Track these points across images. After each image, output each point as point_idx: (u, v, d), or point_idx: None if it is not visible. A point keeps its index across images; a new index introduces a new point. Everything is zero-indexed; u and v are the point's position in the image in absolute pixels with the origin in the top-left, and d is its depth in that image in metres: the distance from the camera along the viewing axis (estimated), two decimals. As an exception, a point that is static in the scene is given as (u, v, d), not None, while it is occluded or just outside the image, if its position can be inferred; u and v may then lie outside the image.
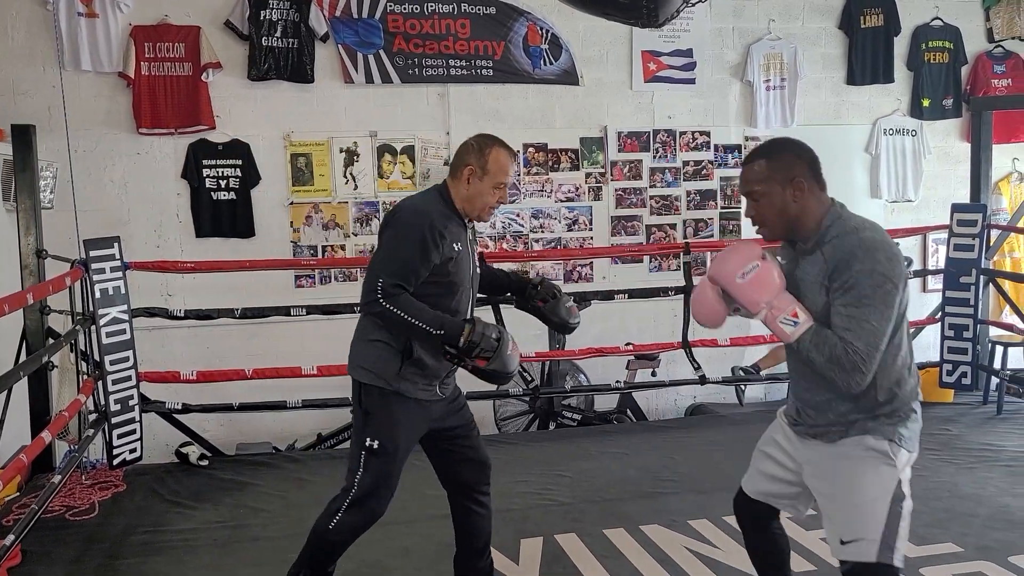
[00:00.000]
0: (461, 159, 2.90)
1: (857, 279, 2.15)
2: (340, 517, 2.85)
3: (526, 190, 6.44)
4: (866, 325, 2.14)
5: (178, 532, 3.95)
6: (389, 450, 2.82)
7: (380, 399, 2.82)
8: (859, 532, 2.24)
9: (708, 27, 6.66)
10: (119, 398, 4.56)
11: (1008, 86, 7.19)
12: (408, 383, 2.83)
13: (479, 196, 2.87)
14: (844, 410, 2.29)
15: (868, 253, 2.17)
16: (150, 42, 5.72)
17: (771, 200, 2.31)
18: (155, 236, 5.86)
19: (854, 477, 2.27)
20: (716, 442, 5.11)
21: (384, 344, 2.82)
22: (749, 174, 2.35)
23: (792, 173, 2.28)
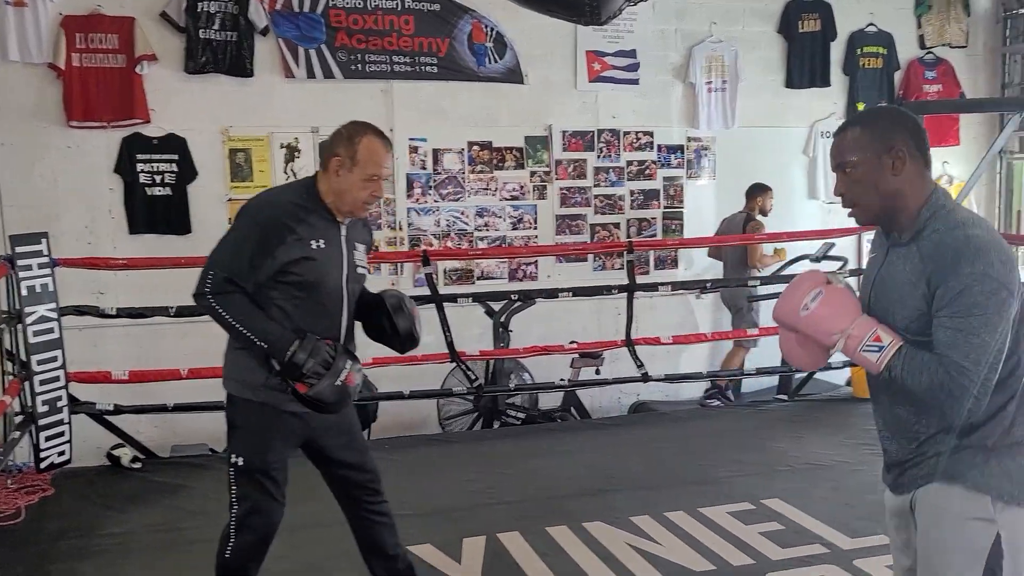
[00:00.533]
0: (329, 148, 2.65)
1: (966, 284, 1.75)
2: (233, 543, 2.68)
3: (471, 188, 6.42)
4: (974, 340, 1.74)
5: (110, 536, 3.82)
6: (255, 466, 2.62)
7: (244, 411, 2.62)
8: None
9: (651, 28, 6.72)
10: (47, 399, 4.41)
11: (939, 91, 7.40)
12: (276, 393, 2.58)
13: (349, 190, 2.59)
14: (932, 450, 1.91)
15: (979, 254, 1.75)
16: (81, 32, 5.55)
17: (867, 171, 1.90)
18: (86, 232, 5.69)
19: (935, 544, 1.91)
20: (658, 439, 5.15)
21: (247, 353, 2.58)
22: (842, 143, 1.94)
23: (892, 141, 1.88)
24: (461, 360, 5.27)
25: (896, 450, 2.00)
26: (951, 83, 7.45)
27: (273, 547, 3.68)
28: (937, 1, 7.41)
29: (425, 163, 6.33)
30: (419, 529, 3.82)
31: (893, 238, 1.96)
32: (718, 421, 5.59)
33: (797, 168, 7.25)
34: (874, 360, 1.85)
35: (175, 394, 5.02)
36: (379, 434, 5.58)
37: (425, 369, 5.63)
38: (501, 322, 5.85)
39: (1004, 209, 7.71)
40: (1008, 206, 7.70)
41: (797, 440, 4.95)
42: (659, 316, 6.68)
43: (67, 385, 4.52)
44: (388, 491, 4.29)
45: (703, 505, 4.00)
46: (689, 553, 3.55)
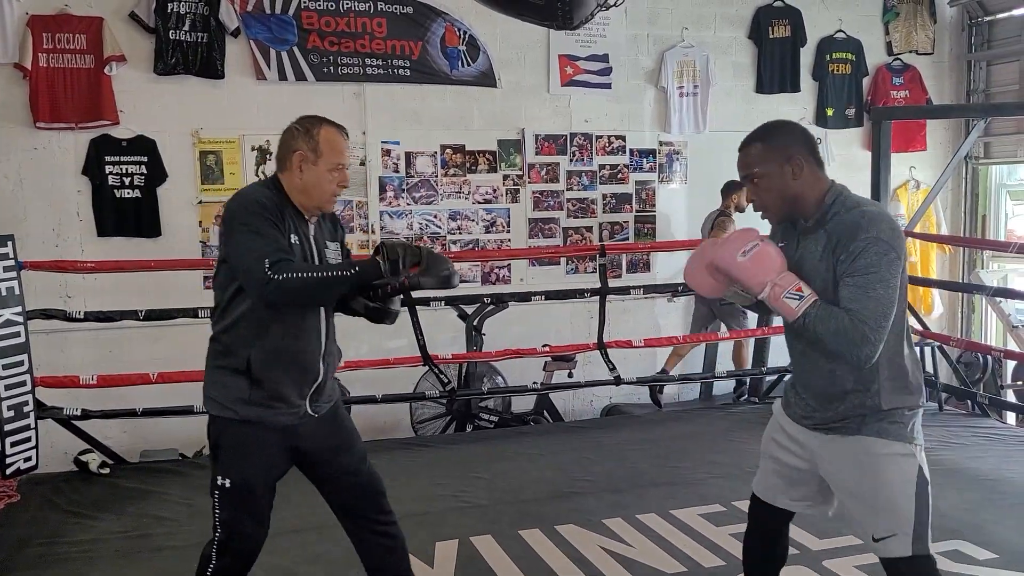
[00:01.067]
0: (287, 146, 2.58)
1: (863, 247, 2.13)
2: (213, 566, 2.57)
3: (444, 191, 6.41)
4: (872, 294, 2.11)
5: (76, 543, 3.78)
6: (243, 488, 2.54)
7: (228, 431, 2.54)
8: (891, 528, 2.23)
9: (624, 33, 6.76)
10: (12, 404, 4.33)
11: (906, 97, 7.51)
12: (262, 408, 2.52)
13: (317, 184, 2.53)
14: (857, 402, 2.25)
15: (872, 223, 2.15)
16: (49, 32, 5.47)
17: (772, 180, 2.29)
18: (53, 235, 5.61)
19: (877, 475, 2.24)
20: (631, 442, 5.18)
21: (227, 370, 2.52)
22: (747, 158, 2.34)
23: (789, 151, 2.28)
24: (434, 363, 5.27)
25: (817, 404, 2.33)
26: (918, 89, 7.56)
27: (244, 553, 3.66)
28: (904, 8, 7.52)
29: (398, 166, 6.31)
30: (392, 533, 3.81)
31: (802, 226, 2.32)
32: (690, 424, 5.62)
33: (767, 172, 7.31)
34: (794, 307, 2.18)
35: (144, 399, 4.98)
36: (351, 438, 5.55)
37: (397, 373, 5.62)
38: (474, 325, 5.85)
39: (969, 213, 7.83)
40: (973, 211, 7.82)
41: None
42: (631, 319, 6.73)
43: (34, 390, 4.45)
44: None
45: (675, 507, 4.03)
46: (661, 555, 3.58)
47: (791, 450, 2.41)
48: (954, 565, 3.43)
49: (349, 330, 6.46)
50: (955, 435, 5.15)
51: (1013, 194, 7.81)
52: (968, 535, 3.70)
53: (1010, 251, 6.09)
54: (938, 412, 5.65)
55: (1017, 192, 7.83)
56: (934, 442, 5.02)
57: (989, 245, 7.57)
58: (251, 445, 2.54)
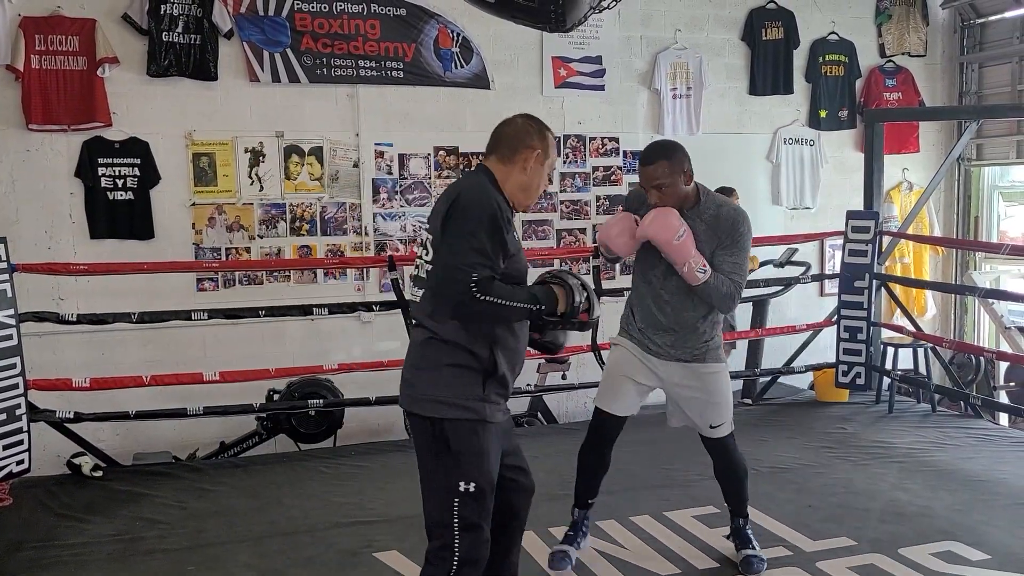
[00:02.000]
0: (521, 141, 2.57)
1: (741, 236, 3.22)
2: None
3: (437, 193, 6.40)
4: (743, 268, 3.23)
5: (69, 547, 3.76)
6: (486, 491, 2.46)
7: (468, 433, 2.44)
8: (723, 418, 3.36)
9: (617, 35, 6.77)
10: (5, 407, 4.31)
11: (899, 99, 7.54)
12: (492, 406, 2.49)
13: (538, 184, 2.59)
14: (706, 339, 3.29)
15: (744, 219, 3.27)
16: (41, 34, 5.46)
17: (675, 189, 3.20)
18: (46, 237, 5.60)
19: (716, 386, 3.34)
20: (624, 443, 5.10)
21: (463, 368, 2.46)
22: (656, 171, 3.17)
23: (683, 165, 3.21)
24: (428, 366, 5.25)
25: (673, 340, 3.30)
26: (910, 91, 7.59)
27: (238, 556, 3.66)
28: (897, 11, 7.54)
29: (391, 168, 6.31)
30: (385, 535, 3.81)
31: (685, 213, 3.21)
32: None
33: (760, 174, 7.33)
34: (701, 277, 3.13)
35: (137, 401, 4.96)
36: (345, 440, 5.55)
37: (392, 375, 5.56)
38: (468, 327, 5.83)
39: (962, 215, 7.86)
40: (966, 212, 7.85)
41: (761, 444, 5.00)
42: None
43: (26, 393, 4.43)
44: (353, 498, 4.30)
45: (668, 509, 4.03)
46: (654, 557, 3.58)
47: (650, 375, 3.37)
48: (947, 566, 3.44)
49: (342, 332, 6.47)
50: (948, 436, 5.17)
51: (1006, 196, 7.84)
52: (961, 536, 3.71)
53: (1002, 253, 6.12)
54: (931, 413, 5.66)
55: (1009, 194, 7.85)
56: (927, 443, 5.04)
57: (982, 247, 7.60)
58: (487, 445, 2.47)
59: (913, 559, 3.50)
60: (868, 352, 5.80)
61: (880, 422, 5.52)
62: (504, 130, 2.62)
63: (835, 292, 6.12)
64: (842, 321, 5.88)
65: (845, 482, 4.41)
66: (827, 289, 7.21)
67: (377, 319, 6.12)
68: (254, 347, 5.86)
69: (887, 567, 3.44)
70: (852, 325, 5.81)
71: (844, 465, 4.67)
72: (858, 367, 5.81)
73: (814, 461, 4.73)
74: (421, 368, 2.52)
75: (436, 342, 2.49)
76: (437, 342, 2.49)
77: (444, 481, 2.46)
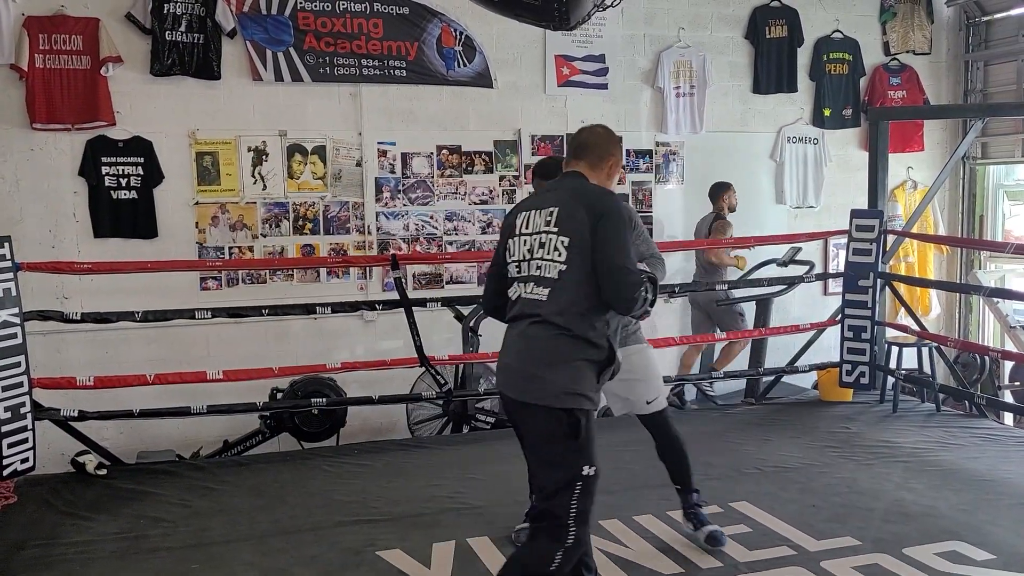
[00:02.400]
0: (606, 149, 2.87)
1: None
2: (559, 563, 2.60)
3: (440, 192, 6.41)
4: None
5: (72, 545, 3.77)
6: (599, 475, 2.69)
7: (590, 421, 2.67)
8: (656, 392, 3.63)
9: (620, 33, 6.76)
10: (9, 405, 4.32)
11: (903, 97, 7.52)
12: (599, 395, 2.76)
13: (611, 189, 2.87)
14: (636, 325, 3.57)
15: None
16: (45, 34, 5.47)
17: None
18: (50, 236, 5.61)
19: (647, 363, 3.63)
20: (626, 443, 5.14)
21: (587, 362, 2.66)
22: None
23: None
24: (430, 364, 5.26)
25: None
26: (915, 89, 7.57)
27: (242, 554, 3.67)
28: (901, 8, 7.52)
29: (394, 167, 6.31)
30: (389, 534, 3.81)
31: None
32: (686, 425, 5.57)
33: (764, 173, 7.32)
34: None
35: (141, 400, 4.97)
36: (348, 439, 5.55)
37: (394, 374, 5.61)
38: (470, 326, 5.83)
39: (967, 214, 7.84)
40: (971, 211, 7.82)
41: (764, 443, 4.99)
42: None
43: (31, 391, 4.44)
44: (356, 496, 4.30)
45: (671, 508, 4.01)
46: (658, 556, 3.57)
47: None
48: (952, 566, 3.43)
49: (345, 331, 6.47)
50: (952, 436, 5.15)
51: (1010, 194, 7.81)
52: (965, 536, 3.69)
53: (1007, 251, 6.10)
54: (935, 412, 5.65)
55: (1014, 192, 7.83)
56: (932, 443, 5.02)
57: (986, 245, 7.58)
58: (594, 432, 2.70)
59: (918, 559, 3.49)
60: (872, 351, 5.79)
61: (884, 422, 5.50)
62: (589, 138, 2.90)
63: (839, 291, 6.11)
64: (846, 320, 5.87)
65: (849, 482, 4.39)
66: (831, 288, 7.20)
67: (380, 318, 6.12)
68: (257, 346, 5.87)
69: (891, 567, 3.43)
70: (856, 324, 5.80)
71: (848, 465, 4.66)
72: (862, 366, 5.79)
73: (818, 460, 4.72)
74: (554, 363, 2.64)
75: (568, 338, 2.64)
76: (569, 338, 2.64)
77: (571, 467, 2.62)
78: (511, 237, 2.81)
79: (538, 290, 2.69)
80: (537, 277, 2.71)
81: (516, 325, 2.76)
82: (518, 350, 2.73)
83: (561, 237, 2.67)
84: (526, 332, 2.71)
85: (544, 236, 2.71)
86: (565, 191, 2.78)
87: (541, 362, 2.65)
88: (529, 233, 2.75)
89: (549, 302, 2.66)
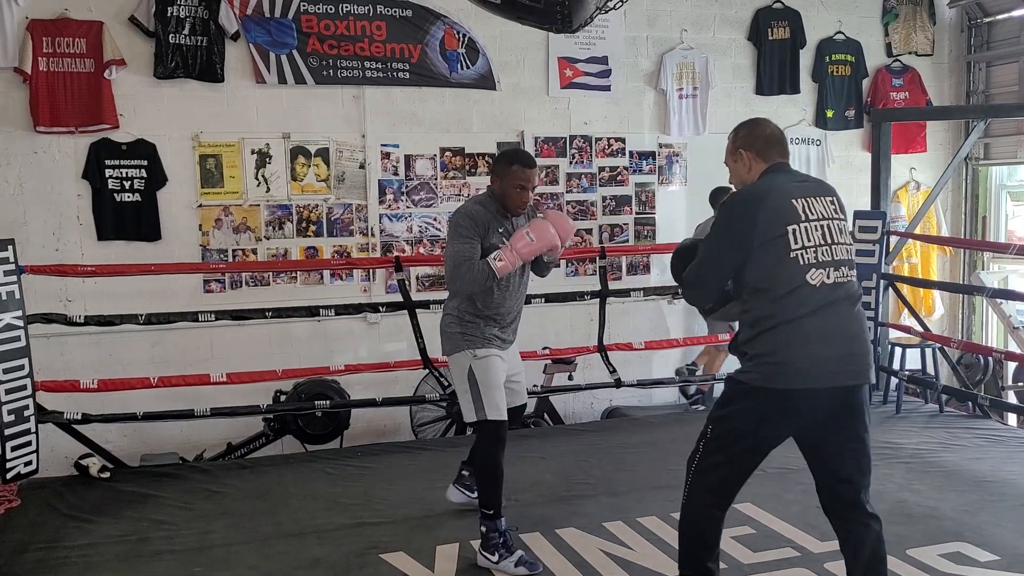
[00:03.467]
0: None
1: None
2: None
3: (443, 194, 6.41)
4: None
5: (76, 548, 3.78)
6: None
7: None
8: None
9: (623, 35, 6.76)
10: (13, 408, 4.34)
11: (906, 99, 7.50)
12: None
13: None
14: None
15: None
16: (48, 37, 5.48)
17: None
18: (54, 239, 5.62)
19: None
20: (631, 445, 5.17)
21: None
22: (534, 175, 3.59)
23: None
24: (434, 367, 5.26)
25: (511, 334, 3.74)
26: (918, 91, 7.56)
27: (245, 557, 3.68)
28: (904, 10, 7.51)
29: (397, 169, 6.31)
30: (392, 536, 3.82)
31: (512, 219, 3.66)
32: (690, 426, 5.58)
33: (767, 174, 7.30)
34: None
35: (144, 403, 4.98)
36: (352, 441, 5.56)
37: (398, 376, 5.63)
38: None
39: (970, 215, 7.83)
40: (974, 212, 7.81)
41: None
42: (631, 322, 6.73)
43: (34, 394, 4.45)
44: (360, 499, 4.30)
45: (675, 510, 3.97)
46: (662, 558, 3.57)
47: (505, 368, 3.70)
48: (955, 567, 3.43)
49: (349, 333, 6.47)
50: (956, 436, 5.15)
51: (1013, 195, 7.80)
52: (969, 537, 3.69)
53: (1010, 252, 6.09)
54: (939, 413, 5.64)
55: (1017, 193, 7.82)
56: (935, 444, 5.02)
57: (989, 247, 7.57)
58: None
59: (921, 560, 3.49)
60: (876, 352, 5.79)
61: (888, 422, 5.50)
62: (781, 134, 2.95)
63: (842, 292, 6.09)
64: (849, 321, 5.85)
65: (853, 483, 4.39)
66: (834, 289, 7.17)
67: (383, 320, 6.12)
68: (261, 348, 5.87)
69: (895, 568, 3.41)
70: (859, 325, 5.79)
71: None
72: (865, 367, 5.78)
73: (821, 462, 4.70)
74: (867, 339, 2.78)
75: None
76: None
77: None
78: (794, 224, 2.69)
79: (847, 272, 2.76)
80: (840, 261, 2.75)
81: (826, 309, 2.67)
82: (851, 334, 2.71)
83: (845, 222, 2.83)
84: (849, 313, 2.73)
85: (842, 223, 2.81)
86: (814, 182, 2.99)
87: (865, 340, 2.76)
88: (816, 220, 2.73)
89: (854, 283, 2.78)
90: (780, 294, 2.65)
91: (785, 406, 2.67)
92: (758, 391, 2.67)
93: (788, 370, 2.63)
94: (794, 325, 2.64)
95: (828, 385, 2.64)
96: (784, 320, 2.64)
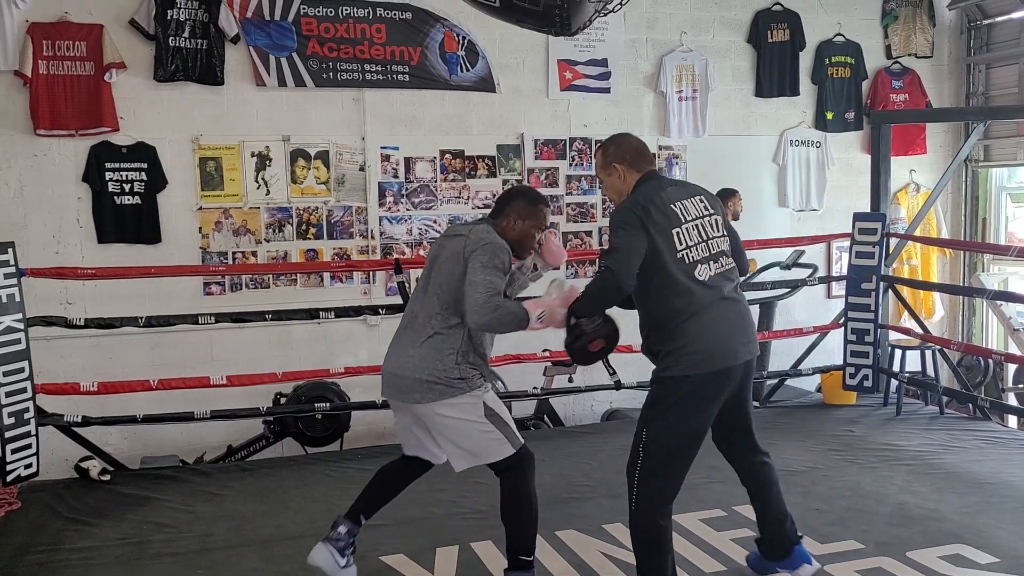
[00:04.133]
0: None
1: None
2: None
3: (443, 197, 6.42)
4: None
5: (76, 550, 3.78)
6: None
7: None
8: None
9: (622, 38, 6.77)
10: (13, 411, 4.34)
11: (905, 101, 7.51)
12: None
13: None
14: None
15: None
16: (49, 40, 5.49)
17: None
18: (54, 242, 5.62)
19: None
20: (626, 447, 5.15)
21: None
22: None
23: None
24: (434, 369, 5.25)
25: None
26: (917, 92, 7.56)
27: (245, 560, 3.68)
28: (903, 12, 7.52)
29: (397, 172, 6.32)
30: (392, 538, 3.81)
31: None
32: (690, 428, 5.60)
33: (767, 176, 7.32)
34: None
35: (144, 405, 4.97)
36: (352, 443, 5.56)
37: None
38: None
39: (970, 216, 7.83)
40: (974, 214, 7.82)
41: (768, 446, 4.87)
42: (631, 324, 6.70)
43: (34, 397, 4.46)
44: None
45: (675, 512, 3.97)
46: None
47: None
48: (955, 569, 3.43)
49: (348, 336, 6.47)
50: (956, 438, 5.14)
51: (1013, 197, 7.81)
52: (969, 539, 3.69)
53: (1010, 254, 6.09)
54: (939, 415, 5.64)
55: (1017, 195, 7.82)
56: (935, 446, 5.02)
57: (990, 248, 7.57)
58: None
59: (921, 562, 3.49)
60: (876, 354, 5.79)
61: (888, 425, 5.50)
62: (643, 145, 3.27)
63: (842, 294, 6.11)
64: (849, 323, 5.87)
65: (853, 485, 4.39)
66: (834, 291, 7.20)
67: (383, 322, 6.12)
68: (261, 351, 5.88)
69: (895, 570, 3.43)
70: (859, 327, 5.80)
71: (851, 468, 4.66)
72: (866, 369, 5.79)
73: (821, 464, 4.71)
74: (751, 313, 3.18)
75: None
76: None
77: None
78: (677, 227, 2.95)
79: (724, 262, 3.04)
80: (720, 252, 3.05)
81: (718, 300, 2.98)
82: (742, 313, 3.07)
83: (717, 216, 3.09)
84: (742, 305, 3.08)
85: (704, 220, 3.03)
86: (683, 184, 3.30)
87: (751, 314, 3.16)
88: (692, 220, 3.00)
89: (734, 268, 3.09)
90: (678, 292, 2.91)
91: (712, 389, 2.94)
92: (686, 379, 2.90)
93: (705, 356, 2.91)
94: (697, 317, 2.91)
95: (740, 361, 2.98)
96: (689, 315, 2.91)
